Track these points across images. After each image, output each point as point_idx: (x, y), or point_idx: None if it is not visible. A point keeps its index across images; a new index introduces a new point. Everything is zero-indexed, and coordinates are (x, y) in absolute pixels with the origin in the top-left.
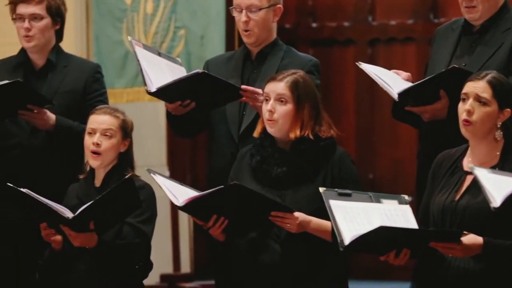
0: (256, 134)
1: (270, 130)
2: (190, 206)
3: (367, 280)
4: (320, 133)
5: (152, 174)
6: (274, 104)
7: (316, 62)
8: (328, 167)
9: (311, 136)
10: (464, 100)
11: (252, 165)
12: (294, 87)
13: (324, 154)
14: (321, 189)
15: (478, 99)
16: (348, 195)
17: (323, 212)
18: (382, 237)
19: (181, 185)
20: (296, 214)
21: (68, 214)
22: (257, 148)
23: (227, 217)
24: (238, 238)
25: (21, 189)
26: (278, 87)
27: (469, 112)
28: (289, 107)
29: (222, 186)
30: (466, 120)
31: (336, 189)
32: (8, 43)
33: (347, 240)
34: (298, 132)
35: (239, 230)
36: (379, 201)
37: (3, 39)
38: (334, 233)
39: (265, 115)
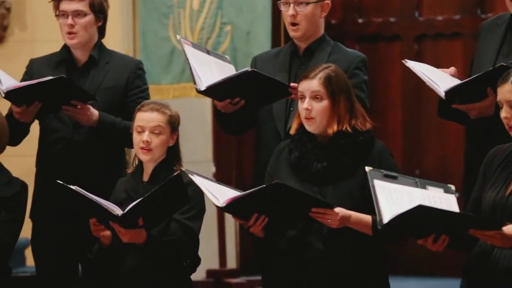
0: (292, 131)
1: (309, 128)
2: (231, 206)
3: (412, 277)
4: (357, 126)
5: (190, 175)
6: (310, 102)
7: (364, 58)
8: (368, 161)
9: (349, 130)
10: (501, 106)
11: (291, 160)
12: (328, 82)
13: (363, 148)
14: (367, 168)
15: (509, 104)
16: (394, 177)
17: (364, 207)
18: (421, 218)
19: (219, 184)
20: (337, 209)
21: (118, 211)
22: (295, 144)
23: (267, 215)
24: (278, 234)
25: (71, 186)
26: (312, 84)
27: (506, 118)
28: (325, 103)
29: (264, 186)
30: (507, 124)
31: (382, 170)
32: (50, 40)
33: (386, 219)
34: (335, 127)
35: (279, 227)
36: (424, 187)
37: (45, 36)
38: (374, 226)
39: (302, 113)
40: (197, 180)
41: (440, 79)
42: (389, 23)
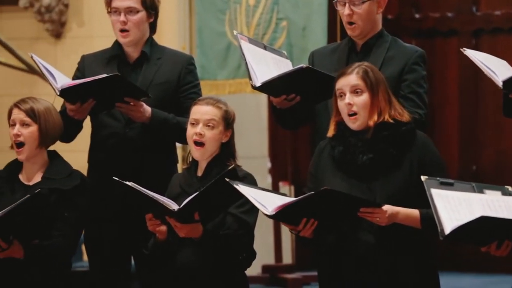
0: (330, 133)
1: (353, 126)
2: (280, 214)
3: (468, 273)
4: (396, 117)
5: (235, 185)
6: (351, 97)
7: (422, 53)
8: (412, 152)
9: (390, 120)
10: None
11: (335, 156)
12: (366, 75)
13: (407, 138)
14: (423, 178)
15: None
16: (450, 184)
17: (414, 199)
18: (483, 227)
19: (265, 190)
20: (385, 207)
21: (174, 206)
22: (337, 139)
23: (316, 219)
24: (326, 234)
25: (127, 183)
26: (351, 79)
27: None
28: (365, 96)
29: (312, 193)
30: None
31: (438, 178)
32: (107, 36)
33: (447, 230)
34: (376, 118)
35: (328, 228)
36: (482, 192)
37: (103, 32)
38: (423, 220)
39: (344, 110)
40: (242, 189)
41: (498, 68)
42: (446, 18)
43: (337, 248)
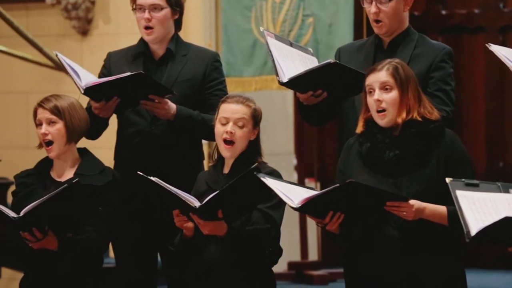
0: (359, 129)
1: (381, 122)
2: (306, 206)
3: (495, 270)
4: (425, 115)
5: (262, 178)
6: (380, 93)
7: (449, 50)
8: (440, 149)
9: (418, 118)
10: None
11: (362, 152)
12: (396, 72)
13: (435, 135)
14: (447, 180)
15: None
16: (476, 185)
17: (441, 196)
18: (509, 227)
19: (292, 184)
20: (411, 202)
21: (196, 203)
22: (365, 136)
23: (342, 212)
24: (353, 228)
25: (151, 178)
26: (381, 76)
27: None
28: (394, 93)
29: (338, 185)
30: None
31: (463, 179)
32: (133, 33)
33: (473, 231)
34: (404, 116)
35: (354, 221)
36: (507, 191)
37: (129, 29)
38: (450, 217)
39: (373, 106)
40: (269, 182)
41: None
42: (473, 15)
43: (362, 243)
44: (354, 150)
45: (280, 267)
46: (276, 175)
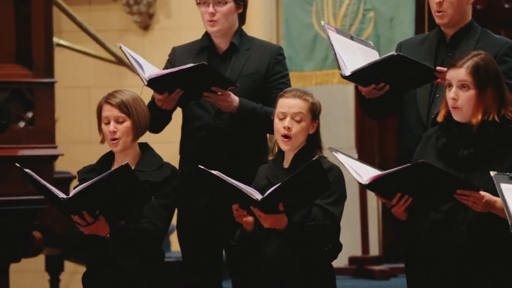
0: (440, 118)
1: (455, 117)
2: (375, 184)
3: None
4: (507, 115)
5: (334, 153)
6: (456, 91)
7: None
8: None
9: (496, 119)
10: None
11: (438, 147)
12: (475, 71)
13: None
14: (492, 173)
15: None
16: None
17: None
18: None
19: (363, 163)
20: (482, 192)
21: (257, 195)
22: (443, 130)
23: (411, 195)
24: (421, 217)
25: (212, 171)
26: (459, 73)
27: None
28: (471, 92)
29: (409, 164)
30: None
31: (508, 173)
32: (195, 27)
33: None
34: (479, 117)
35: (422, 209)
36: None
37: (190, 23)
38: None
39: (449, 102)
40: (341, 157)
41: None
42: None
43: (427, 236)
44: (431, 142)
45: (341, 262)
46: (336, 170)
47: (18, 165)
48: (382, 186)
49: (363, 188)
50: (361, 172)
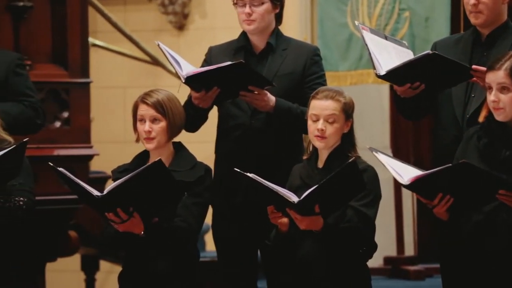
0: (481, 118)
1: (497, 117)
2: (416, 184)
3: None
4: None
5: (374, 153)
6: (496, 94)
7: None
8: None
9: None
10: None
11: (479, 147)
12: None
13: None
14: None
15: None
16: None
17: None
18: None
19: (404, 163)
20: None
21: (294, 198)
22: (484, 130)
23: (452, 195)
24: (463, 218)
25: (248, 174)
26: (498, 76)
27: None
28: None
29: (450, 165)
30: None
31: None
32: (229, 27)
33: None
34: None
35: (464, 210)
36: None
37: (225, 23)
38: None
39: (490, 105)
40: (381, 157)
41: None
42: None
43: (470, 237)
44: (472, 142)
45: (376, 262)
46: (370, 171)
47: (51, 164)
48: (423, 187)
49: (398, 188)
50: (401, 172)
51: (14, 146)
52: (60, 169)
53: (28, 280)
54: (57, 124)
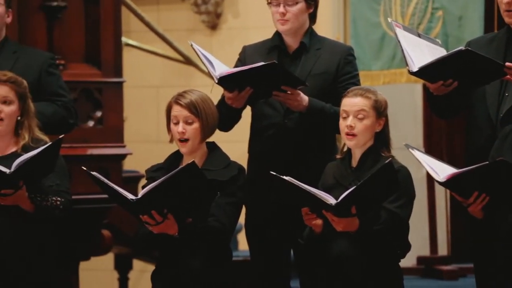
0: None
1: None
2: (451, 182)
3: None
4: None
5: (410, 149)
6: None
7: None
8: None
9: None
10: None
11: None
12: None
13: None
14: None
15: None
16: None
17: None
18: None
19: (440, 161)
20: None
21: (331, 200)
22: None
23: (488, 194)
24: (499, 218)
25: (284, 177)
26: None
27: None
28: None
29: (487, 163)
30: None
31: None
32: (262, 27)
33: None
34: None
35: (500, 209)
36: None
37: (258, 23)
38: None
39: None
40: (417, 155)
41: None
42: None
43: (506, 237)
44: (508, 140)
45: (409, 261)
46: (404, 171)
47: (85, 168)
48: (459, 184)
49: (431, 187)
50: (437, 170)
51: (50, 143)
52: (94, 173)
53: (62, 279)
54: (90, 123)
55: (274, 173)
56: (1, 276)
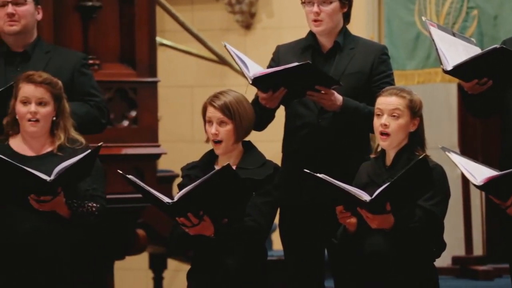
0: None
1: None
2: (489, 185)
3: None
4: None
5: (447, 152)
6: None
7: None
8: None
9: None
10: None
11: None
12: None
13: None
14: None
15: None
16: None
17: None
18: None
19: (477, 163)
20: None
21: (366, 197)
22: None
23: None
24: None
25: (318, 175)
26: None
27: None
28: None
29: None
30: None
31: None
32: (296, 26)
33: None
34: None
35: None
36: None
37: (292, 23)
38: None
39: None
40: (454, 157)
41: None
42: None
43: None
44: None
45: (444, 261)
46: (438, 170)
47: (121, 172)
48: (496, 187)
49: (466, 187)
50: (474, 173)
51: (90, 151)
52: (130, 176)
53: (97, 278)
54: (125, 123)
55: (308, 171)
56: (35, 277)
